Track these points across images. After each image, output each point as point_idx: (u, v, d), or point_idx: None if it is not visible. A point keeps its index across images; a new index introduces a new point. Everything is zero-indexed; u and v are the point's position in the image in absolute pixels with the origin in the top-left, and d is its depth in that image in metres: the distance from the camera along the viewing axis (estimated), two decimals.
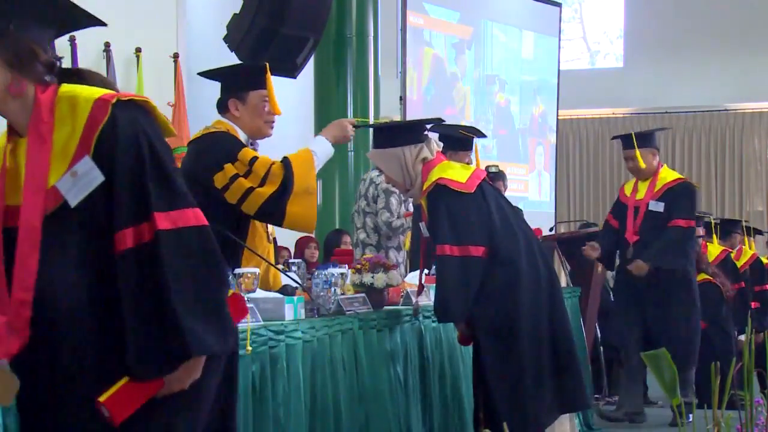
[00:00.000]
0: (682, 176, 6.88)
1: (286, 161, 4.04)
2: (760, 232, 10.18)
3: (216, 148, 4.04)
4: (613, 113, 14.26)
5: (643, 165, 6.63)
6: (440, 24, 10.68)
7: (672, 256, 6.51)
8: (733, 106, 13.97)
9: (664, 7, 13.79)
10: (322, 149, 4.19)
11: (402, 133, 4.37)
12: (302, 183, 4.00)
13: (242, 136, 4.12)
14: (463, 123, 8.56)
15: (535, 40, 11.73)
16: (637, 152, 6.61)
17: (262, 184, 3.96)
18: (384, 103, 9.32)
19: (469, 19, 11.01)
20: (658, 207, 6.59)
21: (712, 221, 8.52)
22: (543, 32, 11.80)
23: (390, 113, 11.08)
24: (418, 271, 5.21)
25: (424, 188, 4.30)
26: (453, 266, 4.12)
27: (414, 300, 4.56)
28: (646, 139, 6.77)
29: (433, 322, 4.66)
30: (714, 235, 8.37)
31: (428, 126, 4.76)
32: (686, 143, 14.25)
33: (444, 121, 5.43)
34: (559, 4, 11.99)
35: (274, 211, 3.97)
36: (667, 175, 6.74)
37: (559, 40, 11.99)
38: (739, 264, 8.39)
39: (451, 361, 4.77)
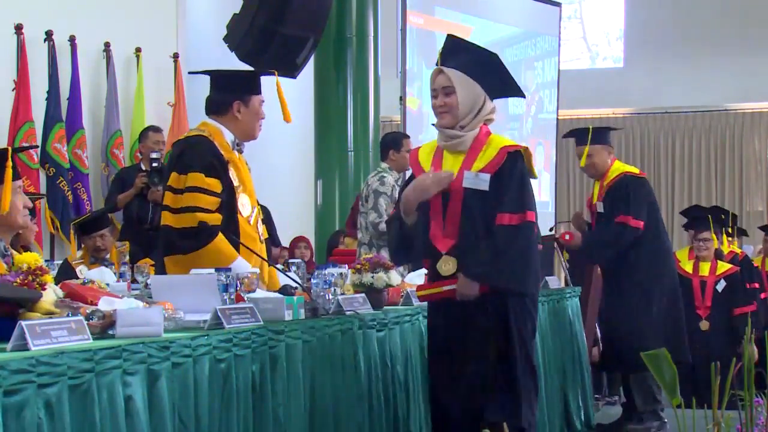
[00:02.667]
0: (629, 169, 6.37)
1: (210, 233, 3.98)
2: (744, 233, 10.01)
3: (183, 156, 4.11)
4: (613, 113, 14.26)
5: (583, 163, 6.25)
6: (440, 24, 10.68)
7: (596, 251, 6.26)
8: (733, 106, 13.96)
9: (664, 7, 13.78)
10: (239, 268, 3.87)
11: (492, 83, 4.07)
12: (201, 259, 3.90)
13: (228, 137, 4.19)
14: None
15: (535, 40, 11.73)
16: (586, 149, 6.19)
17: (175, 212, 4.02)
18: (384, 103, 9.32)
19: (469, 19, 11.01)
20: (601, 208, 6.24)
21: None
22: (543, 32, 11.80)
23: (390, 113, 11.09)
24: (419, 271, 5.22)
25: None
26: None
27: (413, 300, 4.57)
28: (600, 136, 6.29)
29: None
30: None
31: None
32: (686, 143, 14.24)
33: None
34: (559, 4, 11.99)
35: (167, 241, 4.05)
36: (613, 173, 6.25)
37: (559, 40, 11.99)
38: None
39: None
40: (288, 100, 4.48)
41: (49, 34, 7.64)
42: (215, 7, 9.23)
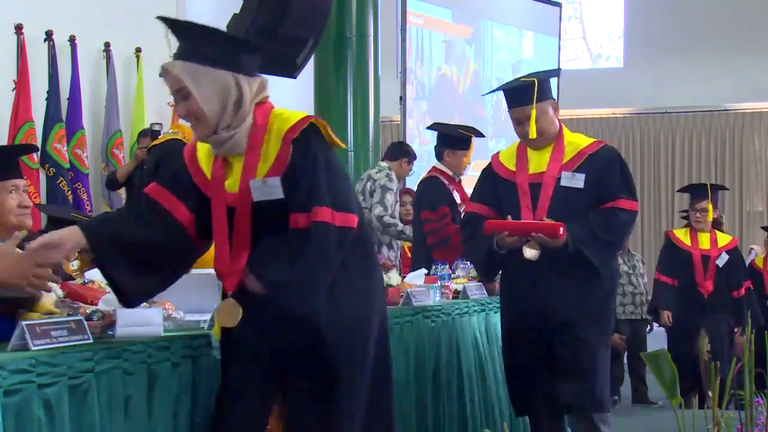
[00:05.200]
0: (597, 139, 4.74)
1: None
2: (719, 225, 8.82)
3: (157, 162, 4.07)
4: (613, 113, 14.26)
5: (533, 133, 4.45)
6: (440, 24, 10.68)
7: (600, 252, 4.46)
8: (733, 106, 13.96)
9: (664, 7, 13.78)
10: None
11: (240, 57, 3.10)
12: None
13: None
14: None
15: (535, 40, 11.73)
16: (543, 107, 4.49)
17: None
18: (384, 103, 9.32)
19: (469, 19, 11.01)
20: (574, 181, 4.41)
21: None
22: (543, 32, 11.80)
23: (390, 113, 11.08)
24: (418, 271, 5.23)
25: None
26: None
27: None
28: (543, 89, 4.53)
29: (433, 322, 4.66)
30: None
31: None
32: (686, 143, 14.24)
33: None
34: (559, 4, 11.99)
35: None
36: (579, 138, 4.61)
37: (559, 40, 11.99)
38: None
39: (450, 361, 4.77)
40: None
41: (49, 34, 7.65)
42: (215, 7, 9.22)
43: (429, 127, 6.64)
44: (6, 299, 2.80)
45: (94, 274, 3.61)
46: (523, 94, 4.48)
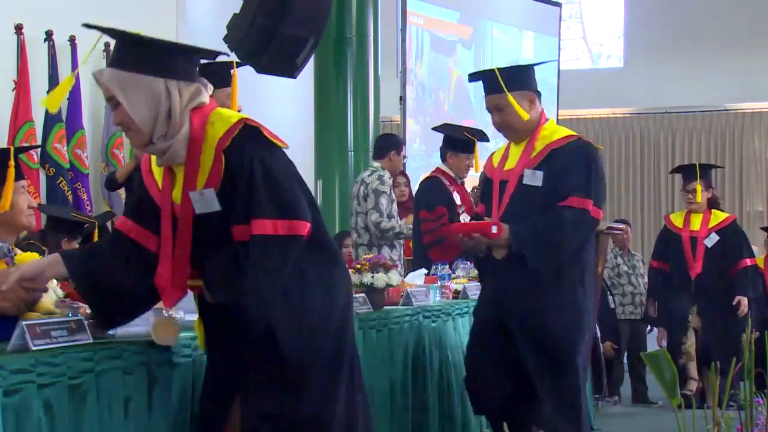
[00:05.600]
0: (575, 133, 4.42)
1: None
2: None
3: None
4: (613, 113, 14.26)
5: (523, 115, 4.24)
6: (440, 24, 10.68)
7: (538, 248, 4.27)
8: (733, 106, 13.96)
9: (664, 7, 13.78)
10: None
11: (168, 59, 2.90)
12: None
13: None
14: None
15: (535, 40, 11.74)
16: (510, 97, 4.25)
17: None
18: (384, 103, 9.32)
19: (469, 19, 11.01)
20: (535, 180, 4.26)
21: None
22: (543, 32, 11.80)
23: (390, 113, 11.08)
24: (418, 271, 5.23)
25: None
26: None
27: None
28: (519, 78, 4.33)
29: (433, 322, 4.66)
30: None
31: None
32: (686, 143, 14.23)
33: None
34: (559, 4, 11.99)
35: None
36: (555, 132, 4.34)
37: (559, 40, 11.99)
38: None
39: (450, 361, 4.77)
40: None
41: (49, 34, 7.64)
42: (215, 7, 9.22)
43: (435, 128, 6.63)
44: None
45: None
46: (490, 82, 4.33)
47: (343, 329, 2.96)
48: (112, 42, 2.90)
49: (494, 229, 4.16)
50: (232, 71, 4.05)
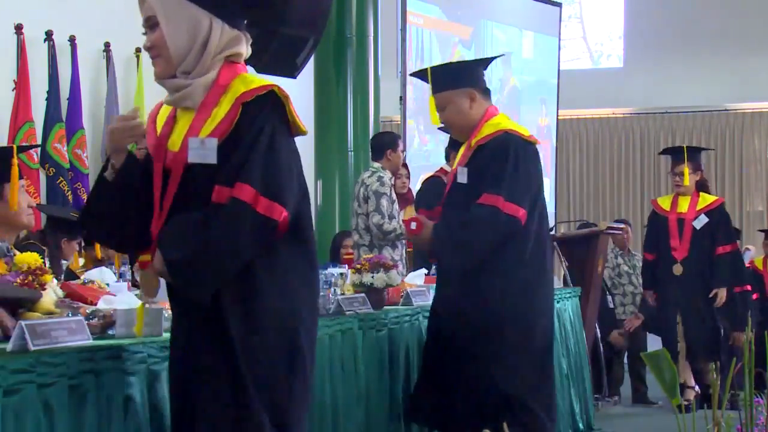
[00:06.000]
0: (516, 128, 4.23)
1: None
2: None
3: None
4: (613, 113, 14.26)
5: (435, 120, 4.33)
6: (440, 24, 10.68)
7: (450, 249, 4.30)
8: (733, 106, 13.96)
9: (664, 7, 13.78)
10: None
11: None
12: None
13: None
14: None
15: (535, 40, 11.73)
16: (452, 96, 4.22)
17: None
18: (384, 103, 9.32)
19: (469, 19, 11.01)
20: (463, 177, 4.21)
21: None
22: (543, 32, 11.79)
23: (390, 113, 11.08)
24: (418, 271, 5.23)
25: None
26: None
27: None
28: (456, 76, 4.25)
29: None
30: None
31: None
32: (686, 143, 14.21)
33: None
34: (559, 4, 11.98)
35: None
36: (490, 128, 4.20)
37: (559, 40, 11.98)
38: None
39: None
40: None
41: (49, 34, 7.64)
42: None
43: (441, 128, 6.62)
44: (6, 299, 2.80)
45: (94, 275, 3.61)
46: (430, 82, 4.27)
47: (302, 332, 2.70)
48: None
49: (413, 226, 4.14)
50: None
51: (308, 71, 8.53)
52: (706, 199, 7.42)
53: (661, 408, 7.81)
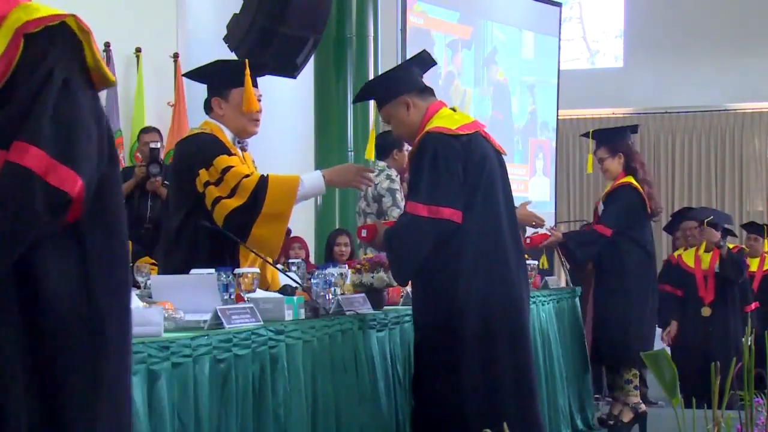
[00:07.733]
0: (434, 125, 4.04)
1: (263, 179, 3.93)
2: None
3: (194, 152, 4.02)
4: (613, 113, 14.26)
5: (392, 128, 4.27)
6: (440, 24, 10.68)
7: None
8: (733, 106, 13.96)
9: (664, 7, 13.78)
10: (313, 183, 4.02)
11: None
12: (274, 206, 3.88)
13: (228, 135, 4.12)
14: None
15: (535, 40, 11.73)
16: (390, 109, 4.19)
17: (230, 196, 3.91)
18: None
19: (469, 19, 11.01)
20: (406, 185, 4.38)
21: None
22: (543, 32, 11.79)
23: None
24: None
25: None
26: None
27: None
28: (386, 89, 4.20)
29: None
30: None
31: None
32: (686, 143, 14.24)
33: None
34: (559, 4, 11.99)
35: (238, 226, 3.87)
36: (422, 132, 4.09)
37: (559, 40, 11.99)
38: None
39: None
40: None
41: None
42: (215, 7, 9.22)
43: None
44: None
45: None
46: (373, 98, 4.30)
47: (106, 321, 2.08)
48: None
49: (363, 233, 4.14)
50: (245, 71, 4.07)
51: (308, 71, 8.53)
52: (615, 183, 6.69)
53: (661, 408, 7.81)
